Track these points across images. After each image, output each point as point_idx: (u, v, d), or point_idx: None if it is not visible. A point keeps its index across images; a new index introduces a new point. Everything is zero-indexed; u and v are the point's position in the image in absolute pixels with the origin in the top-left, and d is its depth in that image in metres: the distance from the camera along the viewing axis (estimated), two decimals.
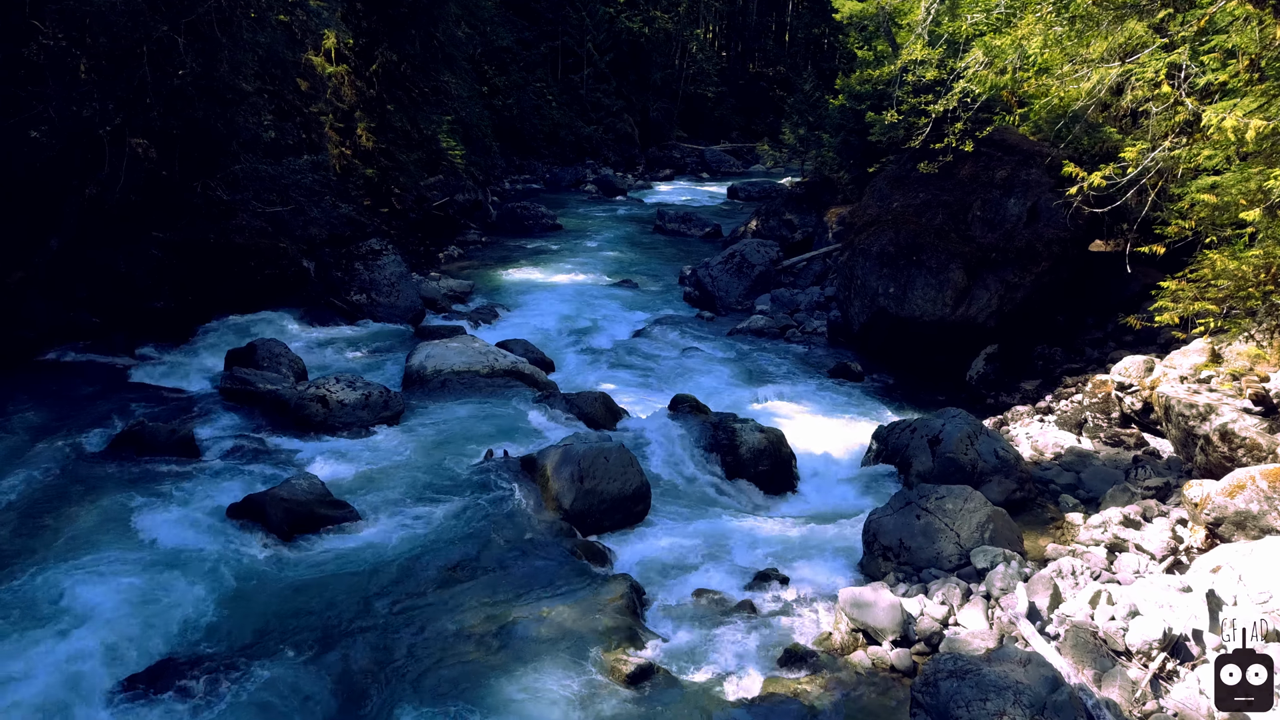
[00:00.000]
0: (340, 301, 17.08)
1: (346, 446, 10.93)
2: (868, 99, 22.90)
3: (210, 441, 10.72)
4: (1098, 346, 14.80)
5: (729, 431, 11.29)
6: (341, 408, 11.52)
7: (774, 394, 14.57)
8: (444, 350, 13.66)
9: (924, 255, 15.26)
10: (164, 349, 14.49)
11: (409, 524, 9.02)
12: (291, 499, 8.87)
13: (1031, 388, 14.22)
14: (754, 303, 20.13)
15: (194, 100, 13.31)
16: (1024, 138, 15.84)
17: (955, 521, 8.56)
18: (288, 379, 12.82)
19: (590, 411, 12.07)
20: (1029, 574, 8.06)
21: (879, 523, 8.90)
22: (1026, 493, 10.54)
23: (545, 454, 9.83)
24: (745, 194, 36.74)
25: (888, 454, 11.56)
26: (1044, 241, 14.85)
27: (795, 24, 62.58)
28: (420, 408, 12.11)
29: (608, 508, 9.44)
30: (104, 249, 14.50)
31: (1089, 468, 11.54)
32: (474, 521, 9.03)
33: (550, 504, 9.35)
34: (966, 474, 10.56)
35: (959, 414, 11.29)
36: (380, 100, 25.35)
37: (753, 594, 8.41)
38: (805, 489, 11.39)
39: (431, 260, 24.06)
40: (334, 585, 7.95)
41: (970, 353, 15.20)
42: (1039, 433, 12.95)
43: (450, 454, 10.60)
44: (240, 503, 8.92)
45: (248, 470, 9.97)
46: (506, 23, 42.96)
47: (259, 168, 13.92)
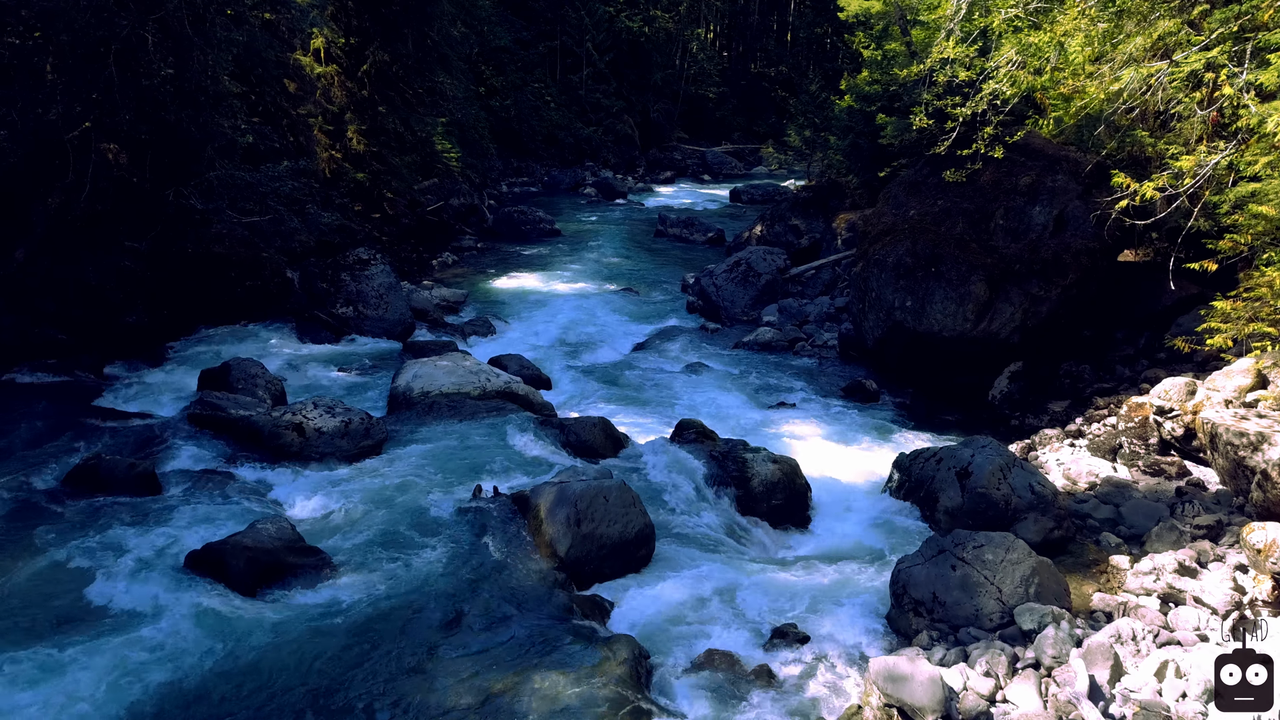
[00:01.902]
0: (325, 315, 16.19)
1: (323, 480, 10.04)
2: (878, 100, 22.03)
3: (174, 475, 9.82)
4: (1129, 364, 13.91)
5: (739, 462, 10.41)
6: (319, 436, 10.63)
7: (784, 416, 13.69)
8: (432, 370, 12.77)
9: (943, 266, 14.36)
10: (135, 368, 13.61)
11: (387, 574, 8.13)
12: (257, 547, 7.98)
13: (1060, 409, 13.33)
14: (760, 313, 19.24)
15: (165, 103, 12.43)
16: (1048, 141, 14.95)
17: (996, 574, 7.67)
18: (264, 402, 11.94)
19: (589, 439, 11.19)
20: (1081, 636, 7.18)
21: (909, 573, 8.01)
22: (1065, 531, 9.65)
23: (539, 492, 8.94)
24: (748, 197, 35.85)
25: (911, 485, 10.68)
26: (1072, 252, 13.96)
27: (797, 23, 61.66)
28: (405, 435, 11.22)
29: (607, 553, 8.55)
30: (73, 260, 13.61)
31: (1129, 500, 10.65)
32: (460, 572, 8.14)
33: (544, 550, 8.46)
34: (999, 511, 9.68)
35: (989, 443, 10.40)
36: (372, 101, 24.44)
37: (770, 656, 7.53)
38: (821, 524, 10.50)
39: (424, 268, 23.18)
40: (301, 651, 7.06)
41: (992, 370, 14.31)
42: (1070, 459, 12.07)
43: (436, 489, 9.70)
44: (199, 551, 8.03)
45: (213, 510, 9.08)
46: (504, 22, 42.08)
47: (235, 174, 13.03)
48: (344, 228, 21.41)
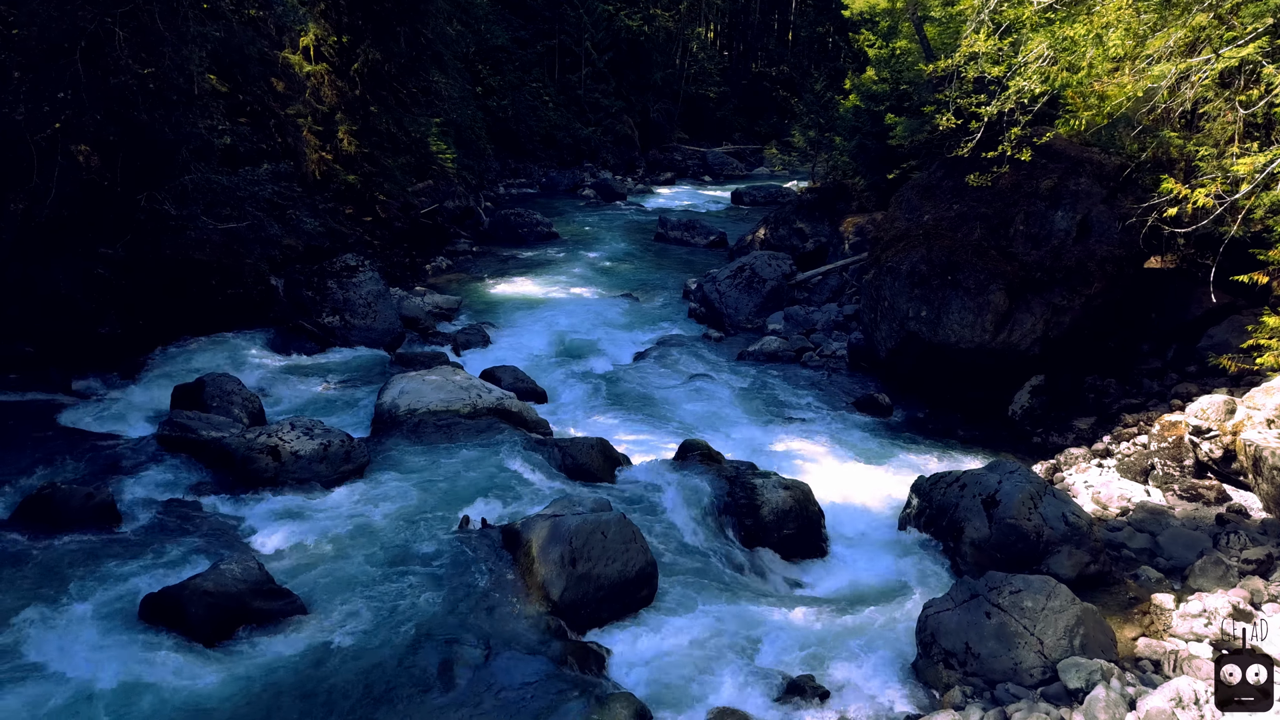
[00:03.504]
0: (310, 324, 15.43)
1: (299, 509, 9.29)
2: (886, 100, 21.29)
3: (137, 505, 9.07)
4: (1157, 378, 13.16)
5: (748, 489, 9.66)
6: (295, 460, 9.88)
7: (793, 432, 12.95)
8: (420, 385, 12.02)
9: (960, 274, 13.61)
10: (106, 382, 12.85)
11: (363, 620, 7.38)
12: (219, 591, 7.23)
13: (1086, 426, 12.58)
14: (765, 321, 18.49)
15: (136, 102, 11.67)
16: (1070, 142, 14.19)
17: (1036, 623, 6.93)
18: (240, 422, 11.19)
19: (585, 462, 10.44)
20: (1134, 695, 6.43)
21: (938, 619, 7.27)
22: (1101, 566, 8.91)
23: (531, 526, 8.18)
24: (750, 199, 35.09)
25: (932, 513, 9.93)
26: (1097, 260, 13.22)
27: (799, 22, 60.86)
28: (389, 458, 10.47)
29: (605, 595, 7.80)
30: (43, 267, 12.84)
31: (1166, 529, 9.91)
32: (442, 618, 7.39)
33: (535, 593, 7.70)
34: (1030, 544, 8.94)
35: (1016, 469, 9.65)
36: (363, 101, 23.66)
37: (786, 713, 6.79)
38: (837, 555, 9.76)
39: (417, 273, 22.42)
40: (266, 711, 6.32)
41: (1011, 384, 13.56)
42: (1099, 481, 11.32)
43: (419, 520, 8.96)
44: (156, 596, 7.29)
45: (176, 545, 8.32)
46: (501, 20, 41.33)
47: (211, 178, 12.26)
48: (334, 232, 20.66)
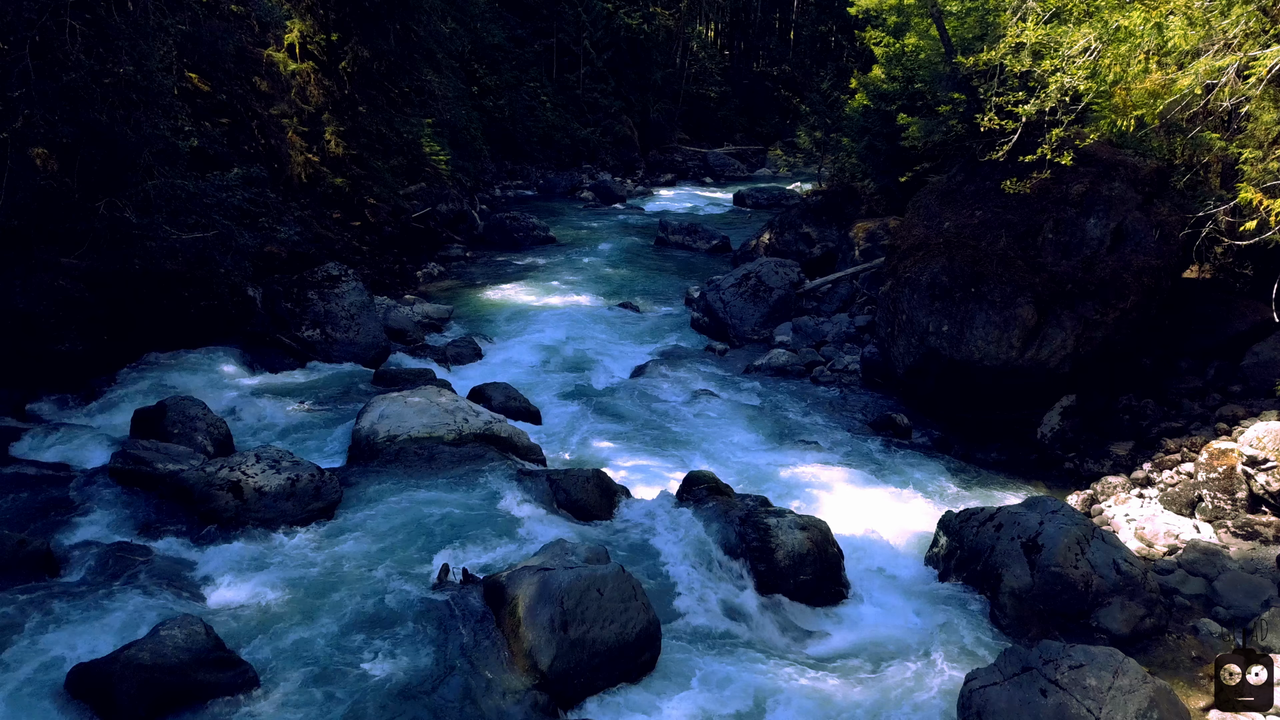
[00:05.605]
0: (289, 338, 14.47)
1: (260, 555, 8.33)
2: (897, 99, 20.33)
3: (78, 551, 8.11)
4: (1198, 398, 12.20)
5: (760, 530, 8.70)
6: (259, 498, 8.92)
7: (805, 458, 11.98)
8: (401, 409, 11.06)
9: (985, 286, 12.65)
10: (63, 406, 11.89)
11: (323, 695, 6.43)
12: (156, 665, 6.27)
13: (1124, 452, 11.63)
14: (773, 332, 17.52)
15: (92, 101, 10.72)
16: (1101, 145, 13.21)
17: (1103, 707, 5.97)
18: (203, 450, 10.24)
19: (580, 497, 9.48)
20: None
21: (985, 696, 6.31)
22: (1157, 619, 7.97)
23: (517, 581, 7.22)
24: (754, 201, 34.09)
25: (964, 555, 8.97)
26: (1132, 271, 12.25)
27: (800, 21, 59.85)
28: (364, 493, 9.50)
29: (601, 662, 6.85)
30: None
31: (1224, 572, 8.96)
32: (413, 692, 6.43)
33: (521, 662, 6.74)
34: (1077, 594, 7.99)
35: (1060, 507, 8.70)
36: (352, 101, 22.72)
37: None
38: (859, 602, 8.78)
39: (407, 280, 21.44)
40: None
41: (1040, 404, 12.58)
42: (1142, 515, 10.38)
43: (393, 569, 8.00)
44: (85, 667, 6.33)
45: (117, 601, 7.37)
46: (498, 18, 40.38)
47: (176, 183, 11.31)
48: (320, 237, 19.71)
